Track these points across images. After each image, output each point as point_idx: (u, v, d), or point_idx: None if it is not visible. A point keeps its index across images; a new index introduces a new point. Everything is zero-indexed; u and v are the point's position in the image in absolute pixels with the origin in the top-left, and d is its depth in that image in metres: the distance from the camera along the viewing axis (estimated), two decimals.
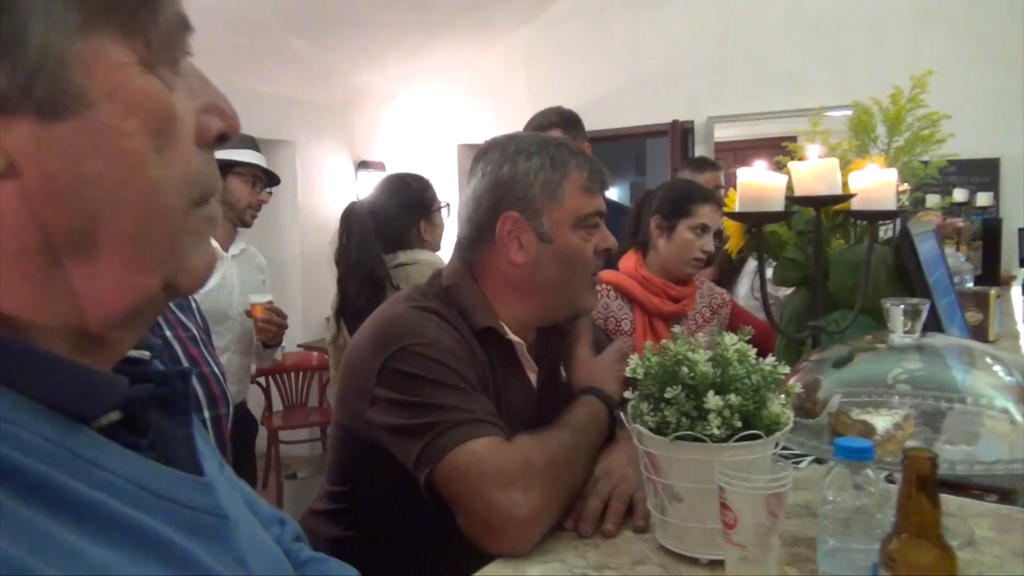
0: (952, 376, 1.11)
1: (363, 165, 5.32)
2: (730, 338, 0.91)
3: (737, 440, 0.86)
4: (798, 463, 1.26)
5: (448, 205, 2.34)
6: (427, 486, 1.00)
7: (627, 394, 0.95)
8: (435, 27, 4.63)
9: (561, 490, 1.01)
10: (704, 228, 2.06)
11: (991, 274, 3.32)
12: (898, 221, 1.44)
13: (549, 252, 1.14)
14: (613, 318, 2.11)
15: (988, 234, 3.38)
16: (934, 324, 1.35)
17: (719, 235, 2.08)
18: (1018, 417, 0.99)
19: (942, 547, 0.71)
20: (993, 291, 2.34)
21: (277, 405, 4.35)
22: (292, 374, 4.40)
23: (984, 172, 3.94)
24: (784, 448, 0.93)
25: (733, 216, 1.11)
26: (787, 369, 0.92)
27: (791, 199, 1.13)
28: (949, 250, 2.86)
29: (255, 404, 3.41)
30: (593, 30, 5.03)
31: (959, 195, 3.43)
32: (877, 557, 0.73)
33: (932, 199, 3.40)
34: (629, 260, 2.18)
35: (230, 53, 3.76)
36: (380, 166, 5.38)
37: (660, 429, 0.90)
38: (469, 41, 5.11)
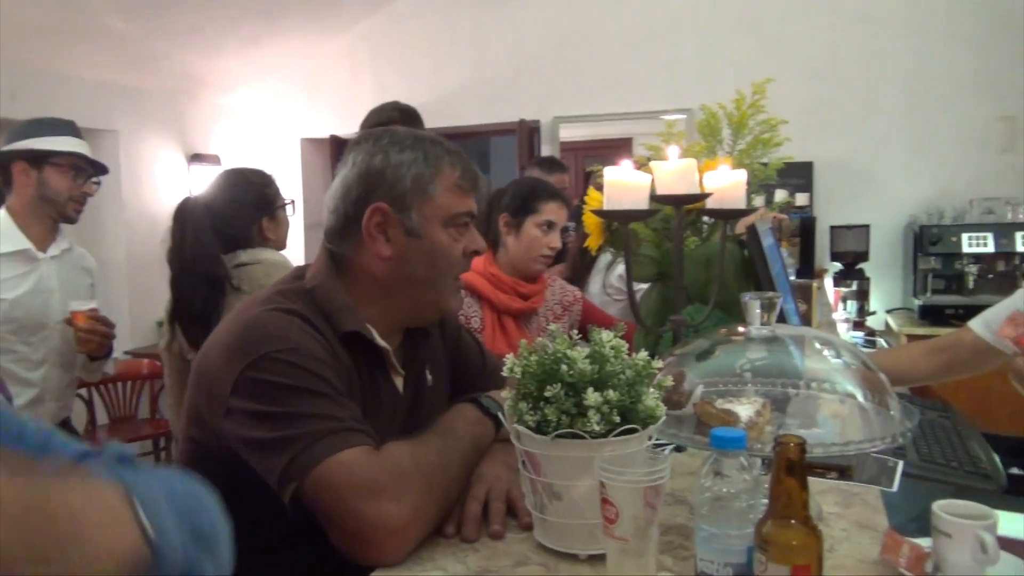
0: (794, 363, 1.19)
1: (196, 158, 4.98)
2: (605, 334, 0.92)
3: (616, 435, 0.88)
4: (660, 451, 1.30)
5: (292, 202, 2.23)
6: (293, 502, 0.95)
7: (504, 394, 0.95)
8: (275, 14, 4.42)
9: (435, 497, 0.98)
10: (550, 225, 2.09)
11: (808, 268, 3.63)
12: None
13: (417, 248, 1.11)
14: (463, 316, 2.10)
15: (805, 231, 3.69)
16: (778, 315, 1.44)
17: (566, 232, 2.13)
18: (860, 399, 1.07)
19: (810, 526, 0.75)
20: (815, 283, 2.56)
21: (102, 418, 3.98)
22: (119, 384, 4.05)
23: (800, 175, 4.30)
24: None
25: (602, 214, 1.13)
26: (660, 363, 0.95)
27: (654, 197, 1.17)
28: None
29: (77, 418, 3.11)
30: (440, 26, 5.01)
31: (781, 195, 3.72)
32: (752, 540, 0.77)
33: (758, 200, 3.68)
34: (478, 258, 2.18)
35: (40, 31, 3.39)
36: (215, 160, 5.07)
37: (540, 428, 0.90)
38: (312, 31, 4.93)
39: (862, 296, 3.57)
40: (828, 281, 3.82)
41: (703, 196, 1.20)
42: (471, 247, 1.16)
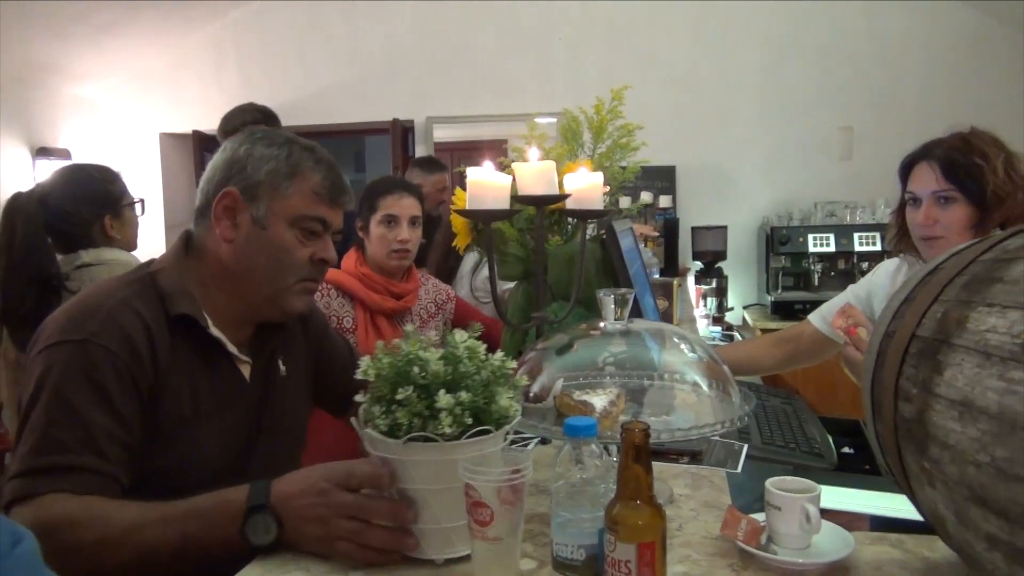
0: (650, 356, 1.26)
1: (43, 152, 4.63)
2: (460, 335, 0.92)
3: (468, 437, 0.87)
4: (525, 445, 1.34)
5: (142, 201, 2.13)
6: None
7: (358, 397, 0.93)
8: (133, 0, 4.18)
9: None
10: (392, 219, 2.11)
11: (672, 267, 3.82)
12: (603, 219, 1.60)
13: (259, 238, 1.12)
14: (335, 316, 2.10)
15: (669, 232, 3.88)
16: (635, 311, 1.52)
17: (414, 223, 2.14)
18: (704, 388, 1.15)
19: (655, 506, 0.80)
20: (676, 281, 2.70)
21: None
22: None
23: (665, 178, 4.52)
24: (516, 432, 0.99)
25: (464, 213, 1.16)
26: (515, 364, 0.96)
27: (515, 198, 1.20)
28: (640, 246, 3.23)
29: None
30: (311, 20, 4.90)
31: (646, 197, 3.88)
32: (603, 523, 0.81)
33: (624, 201, 3.83)
34: (349, 259, 2.18)
35: None
36: (65, 154, 4.73)
37: (392, 432, 0.87)
38: (174, 21, 4.69)
39: (721, 293, 3.78)
40: (690, 279, 4.02)
41: (562, 197, 1.24)
42: (320, 255, 1.17)
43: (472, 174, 1.13)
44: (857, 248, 4.01)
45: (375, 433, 0.89)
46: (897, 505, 1.00)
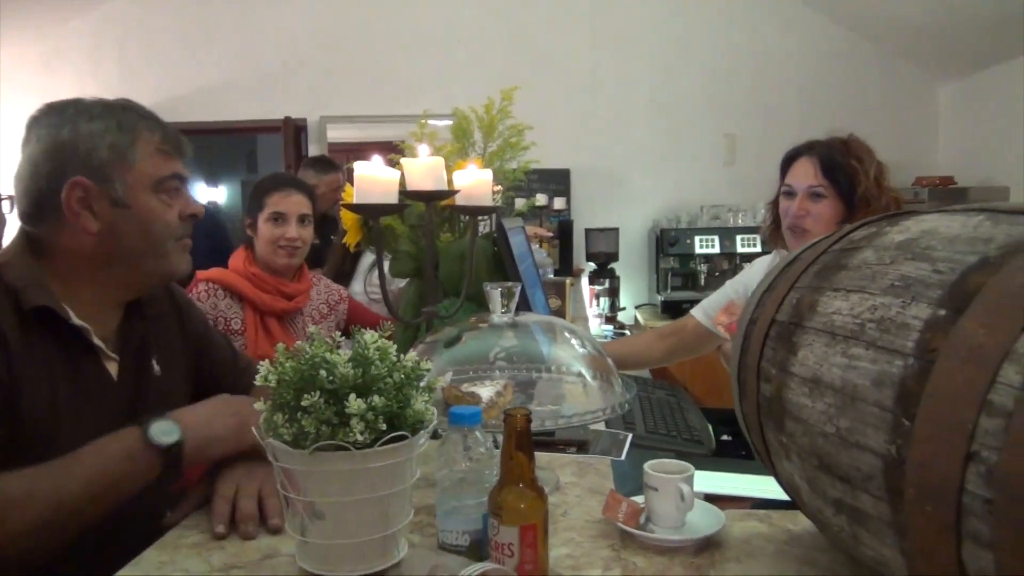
0: (540, 349, 1.29)
1: None
2: (370, 336, 0.85)
3: (382, 444, 0.80)
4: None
5: (11, 198, 2.00)
6: None
7: (258, 405, 0.85)
8: None
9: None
10: (280, 216, 2.08)
11: (567, 267, 3.90)
12: (494, 217, 1.62)
13: (126, 218, 1.07)
14: (222, 317, 2.03)
15: (563, 234, 3.96)
16: (525, 308, 1.55)
17: (304, 220, 2.10)
18: (588, 379, 1.19)
19: (536, 490, 0.83)
20: (568, 280, 2.76)
21: None
22: None
23: (559, 180, 4.61)
24: None
25: (351, 207, 1.15)
26: (431, 365, 0.91)
27: (404, 193, 1.21)
28: (535, 246, 3.29)
29: None
30: (199, 11, 4.71)
31: (541, 199, 3.95)
32: (487, 508, 0.83)
33: (520, 202, 3.88)
34: (238, 257, 2.12)
35: None
36: None
37: (298, 442, 0.80)
38: (49, 6, 4.41)
39: (613, 293, 3.89)
40: (584, 280, 4.12)
41: (451, 193, 1.26)
42: (187, 210, 1.13)
43: (359, 168, 1.13)
44: (740, 249, 4.22)
45: (279, 443, 0.82)
46: (769, 487, 1.07)
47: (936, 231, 0.68)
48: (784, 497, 0.90)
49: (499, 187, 1.72)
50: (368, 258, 2.70)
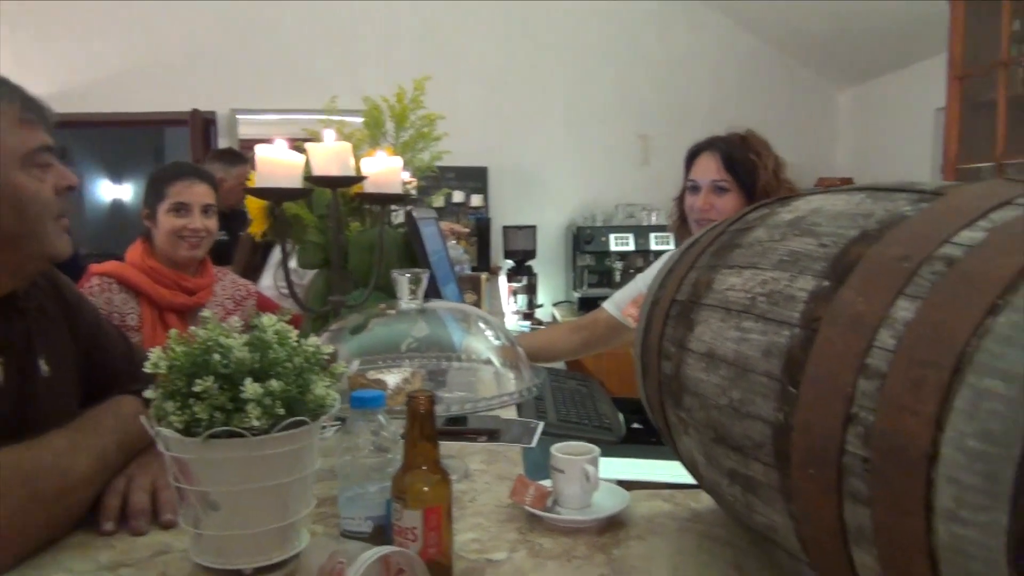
0: (452, 338, 1.28)
1: None
2: (268, 319, 0.82)
3: (280, 430, 0.78)
4: (324, 428, 1.32)
5: None
6: None
7: (149, 393, 0.81)
8: None
9: (45, 503, 0.87)
10: (182, 206, 2.00)
11: (484, 264, 3.91)
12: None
13: None
14: (117, 313, 1.93)
15: (481, 231, 3.97)
16: (436, 298, 1.53)
17: (207, 211, 2.03)
18: (499, 367, 1.19)
19: (441, 473, 0.82)
20: (484, 276, 2.77)
21: None
22: None
23: (477, 178, 4.61)
24: None
25: (254, 192, 1.12)
26: (332, 349, 0.89)
27: (309, 179, 1.18)
28: (452, 243, 3.28)
29: None
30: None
31: (458, 196, 3.95)
32: (390, 494, 0.82)
33: (437, 200, 3.86)
34: (135, 250, 2.02)
35: None
36: None
37: (189, 429, 0.77)
38: None
39: (531, 290, 3.93)
40: (502, 277, 4.13)
41: (358, 179, 1.23)
42: (63, 183, 1.05)
43: (262, 151, 1.10)
44: (653, 247, 4.31)
45: (169, 432, 0.78)
46: (677, 471, 1.09)
47: (822, 209, 0.71)
48: (691, 480, 0.92)
49: (412, 180, 1.70)
50: (279, 251, 2.63)
